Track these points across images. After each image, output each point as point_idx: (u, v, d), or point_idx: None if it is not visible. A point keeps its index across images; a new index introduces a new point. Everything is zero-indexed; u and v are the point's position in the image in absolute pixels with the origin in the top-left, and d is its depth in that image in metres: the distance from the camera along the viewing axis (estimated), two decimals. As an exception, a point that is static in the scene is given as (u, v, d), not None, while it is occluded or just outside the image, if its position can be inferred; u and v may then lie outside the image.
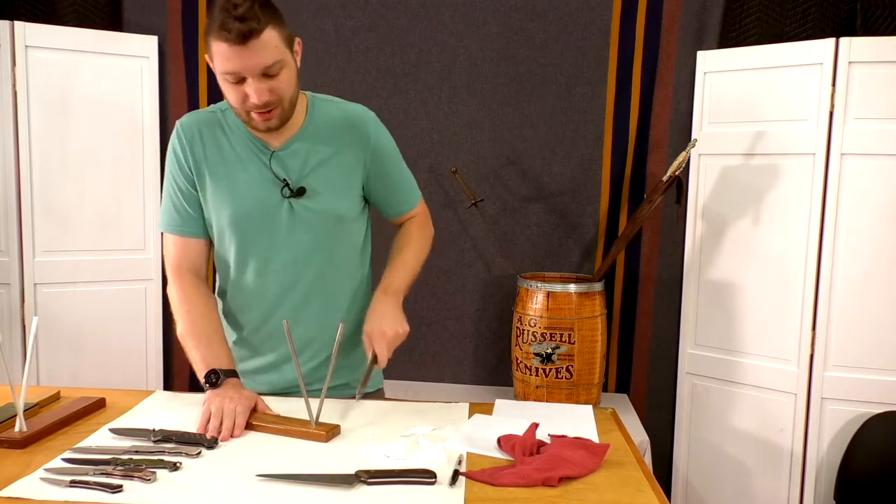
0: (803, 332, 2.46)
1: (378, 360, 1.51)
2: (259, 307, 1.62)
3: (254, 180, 1.55)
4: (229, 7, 1.35)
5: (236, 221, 1.56)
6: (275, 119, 1.48)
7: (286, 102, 1.47)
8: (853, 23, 2.53)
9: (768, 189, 2.53)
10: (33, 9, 2.80)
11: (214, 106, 1.62)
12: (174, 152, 1.58)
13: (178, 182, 1.58)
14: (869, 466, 2.30)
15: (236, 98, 1.44)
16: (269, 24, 1.38)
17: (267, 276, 1.59)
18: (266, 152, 1.56)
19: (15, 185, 2.69)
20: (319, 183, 1.57)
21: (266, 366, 1.66)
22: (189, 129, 1.57)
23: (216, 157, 1.56)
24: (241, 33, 1.35)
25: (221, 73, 1.42)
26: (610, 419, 1.52)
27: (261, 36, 1.37)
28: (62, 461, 1.23)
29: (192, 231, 1.60)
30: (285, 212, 1.56)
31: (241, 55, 1.37)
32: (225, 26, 1.35)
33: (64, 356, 2.80)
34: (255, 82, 1.41)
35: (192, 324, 1.55)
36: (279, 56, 1.41)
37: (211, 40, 1.39)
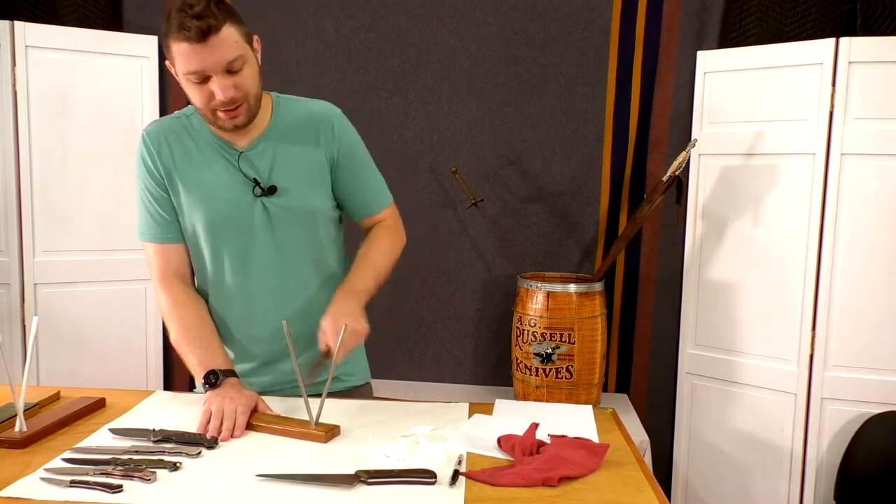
0: (803, 332, 2.46)
1: (329, 353, 1.45)
2: (240, 306, 1.62)
3: (223, 182, 1.55)
4: (185, 7, 1.36)
5: (210, 224, 1.56)
6: (242, 116, 1.48)
7: (251, 98, 1.48)
8: (853, 23, 2.53)
9: (768, 189, 2.53)
10: (33, 9, 2.80)
11: (178, 112, 1.62)
12: (143, 161, 1.58)
13: (150, 190, 1.58)
14: (869, 466, 2.30)
15: (201, 98, 1.44)
16: (226, 21, 1.40)
17: (245, 276, 1.59)
18: (233, 153, 1.56)
19: (15, 185, 2.69)
20: (289, 180, 1.57)
21: (255, 367, 1.66)
22: (155, 137, 1.57)
23: (184, 162, 1.56)
24: (201, 30, 1.36)
25: (184, 74, 1.42)
26: (610, 419, 1.52)
27: (220, 32, 1.38)
28: (62, 461, 1.23)
29: (171, 237, 1.60)
30: (258, 211, 1.56)
31: (203, 53, 1.38)
32: (183, 25, 1.36)
33: (64, 356, 2.80)
34: (220, 79, 1.41)
35: (184, 329, 1.55)
36: (240, 51, 1.42)
37: (171, 43, 1.40)
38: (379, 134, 2.82)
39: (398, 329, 3.00)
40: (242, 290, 1.60)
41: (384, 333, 2.94)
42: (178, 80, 1.47)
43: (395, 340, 3.01)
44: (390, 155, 2.79)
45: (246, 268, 1.59)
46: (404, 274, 2.92)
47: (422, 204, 2.94)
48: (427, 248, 2.94)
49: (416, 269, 2.94)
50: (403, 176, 2.90)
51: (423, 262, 2.94)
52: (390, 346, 3.00)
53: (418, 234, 2.93)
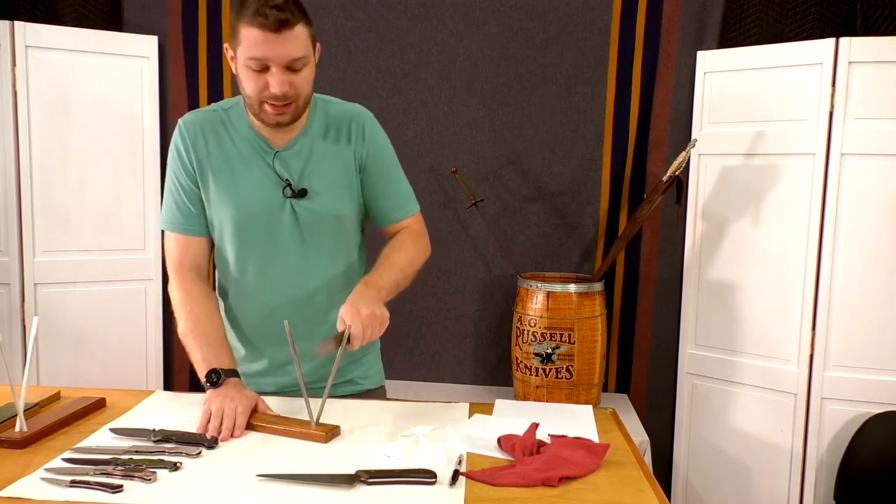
0: (803, 332, 2.46)
1: (351, 337, 1.38)
2: (260, 306, 1.62)
3: (256, 180, 1.55)
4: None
5: (238, 222, 1.57)
6: (288, 115, 1.48)
7: (301, 100, 1.49)
8: (853, 23, 2.53)
9: (768, 189, 2.53)
10: (33, 9, 2.80)
11: (216, 105, 1.62)
12: (177, 149, 1.58)
13: (180, 180, 1.58)
14: (869, 466, 2.30)
15: (255, 87, 1.44)
16: (302, 20, 1.42)
17: (268, 276, 1.59)
18: (269, 152, 1.56)
19: (15, 185, 2.69)
20: (320, 183, 1.57)
21: (270, 368, 1.66)
22: (192, 127, 1.57)
23: (219, 156, 1.56)
24: (278, 21, 1.37)
25: (246, 59, 1.42)
26: (610, 419, 1.52)
27: (294, 28, 1.40)
28: (62, 461, 1.23)
29: (194, 229, 1.60)
30: (287, 213, 1.56)
31: (273, 43, 1.39)
32: (261, 12, 1.37)
33: (64, 356, 2.80)
34: (279, 73, 1.42)
35: (193, 322, 1.55)
36: (306, 52, 1.44)
37: (241, 25, 1.40)
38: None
39: (398, 329, 2.97)
40: (263, 290, 1.60)
41: (384, 333, 2.93)
42: (233, 64, 1.47)
43: (395, 340, 3.00)
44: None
45: (269, 268, 1.59)
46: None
47: (422, 204, 2.88)
48: (427, 248, 2.94)
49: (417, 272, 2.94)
50: (403, 176, 2.89)
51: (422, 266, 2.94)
52: (390, 346, 2.96)
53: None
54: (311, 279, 1.60)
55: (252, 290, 1.61)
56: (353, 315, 1.40)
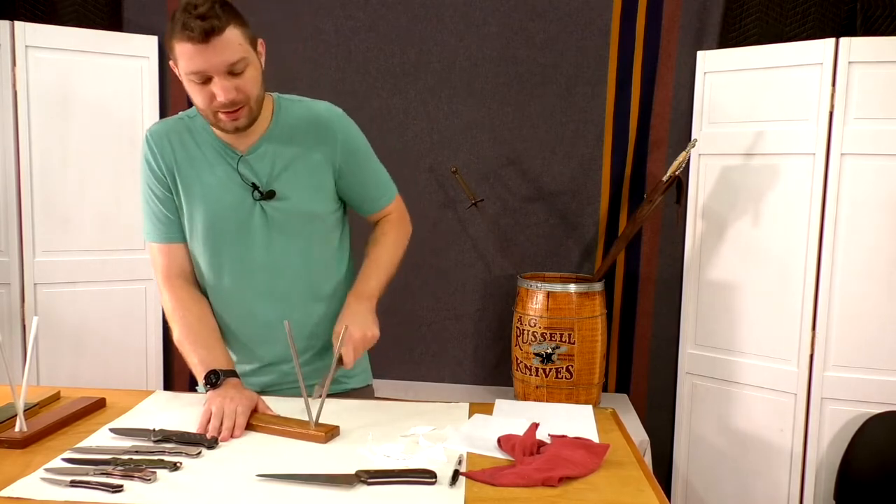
0: (803, 332, 2.46)
1: (343, 361, 1.47)
2: (239, 308, 1.62)
3: (223, 185, 1.55)
4: (189, 8, 1.36)
5: (209, 226, 1.57)
6: (242, 119, 1.47)
7: (253, 101, 1.47)
8: (853, 23, 2.53)
9: (768, 189, 2.53)
10: (33, 9, 2.80)
11: (182, 113, 1.62)
12: (146, 160, 1.58)
13: (153, 189, 1.59)
14: (869, 466, 2.30)
15: (203, 99, 1.44)
16: (230, 23, 1.40)
17: (244, 279, 1.59)
18: (234, 156, 1.56)
19: (15, 185, 2.69)
20: (288, 185, 1.56)
21: (254, 368, 1.66)
22: (158, 137, 1.58)
23: (186, 162, 1.56)
24: (204, 31, 1.36)
25: (186, 74, 1.42)
26: (610, 419, 1.52)
27: (223, 33, 1.38)
28: (62, 461, 1.23)
29: (175, 236, 1.61)
30: (258, 215, 1.56)
31: (205, 53, 1.38)
32: (187, 26, 1.36)
33: (64, 356, 2.80)
34: (221, 81, 1.41)
35: (187, 328, 1.55)
36: (243, 53, 1.42)
37: (174, 42, 1.40)
38: (379, 134, 2.79)
39: (398, 329, 2.99)
40: (241, 293, 1.60)
41: (384, 333, 2.93)
42: (181, 80, 1.47)
43: (395, 340, 3.00)
44: (390, 155, 2.74)
45: (245, 271, 1.59)
46: (404, 274, 2.90)
47: (422, 204, 2.93)
48: (427, 248, 2.94)
49: (416, 269, 2.94)
50: (403, 176, 2.85)
51: (423, 262, 2.94)
52: (390, 346, 2.97)
53: (418, 234, 2.90)
54: (287, 279, 1.60)
55: (229, 292, 1.61)
56: (346, 339, 1.47)
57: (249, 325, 1.62)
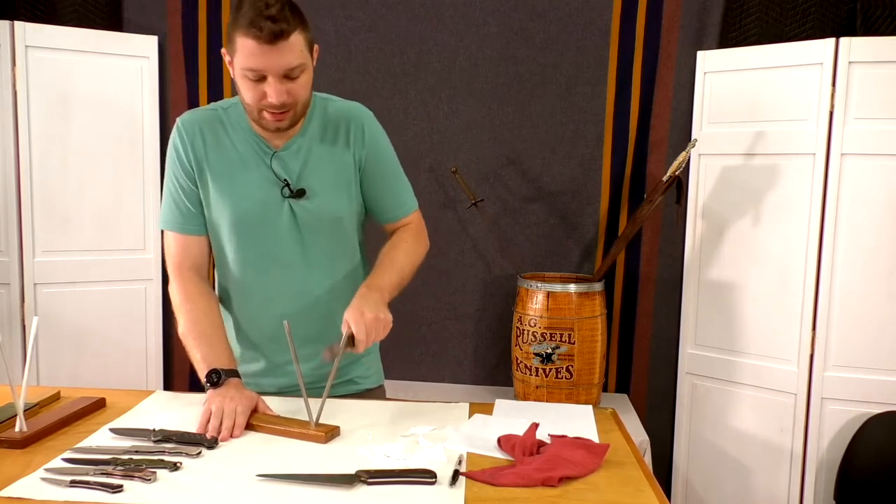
0: (803, 332, 2.46)
1: (355, 341, 1.40)
2: (261, 307, 1.62)
3: (255, 180, 1.55)
4: (261, 6, 1.36)
5: (236, 221, 1.56)
6: (287, 121, 1.48)
7: (300, 106, 1.48)
8: (853, 23, 2.53)
9: (768, 189, 2.53)
10: (33, 9, 2.80)
11: (214, 104, 1.62)
12: (175, 149, 1.57)
13: (178, 179, 1.58)
14: (869, 466, 2.30)
15: (253, 95, 1.44)
16: (297, 28, 1.40)
17: (268, 276, 1.59)
18: (268, 152, 1.56)
19: (15, 185, 2.69)
20: (318, 183, 1.57)
21: (270, 368, 1.66)
22: (190, 127, 1.57)
23: (217, 155, 1.56)
24: (273, 33, 1.36)
25: (243, 69, 1.42)
26: (610, 419, 1.52)
27: (289, 38, 1.38)
28: (62, 461, 1.23)
29: (193, 228, 1.60)
30: (286, 212, 1.56)
31: (268, 54, 1.38)
32: (256, 24, 1.35)
33: (64, 356, 2.80)
34: (276, 83, 1.41)
35: (193, 323, 1.54)
36: (302, 60, 1.43)
37: (237, 36, 1.39)
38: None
39: (398, 329, 2.96)
40: (263, 290, 1.60)
41: (385, 334, 2.94)
42: (230, 69, 1.47)
43: (395, 340, 2.97)
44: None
45: (268, 268, 1.59)
46: (404, 274, 2.92)
47: (422, 204, 2.89)
48: (427, 248, 2.94)
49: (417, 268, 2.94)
50: (403, 176, 2.89)
51: (423, 262, 2.93)
52: (390, 346, 2.95)
53: (418, 234, 2.93)
54: (311, 279, 1.60)
55: (252, 290, 1.61)
56: (357, 319, 1.41)
57: (267, 324, 1.62)
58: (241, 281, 1.61)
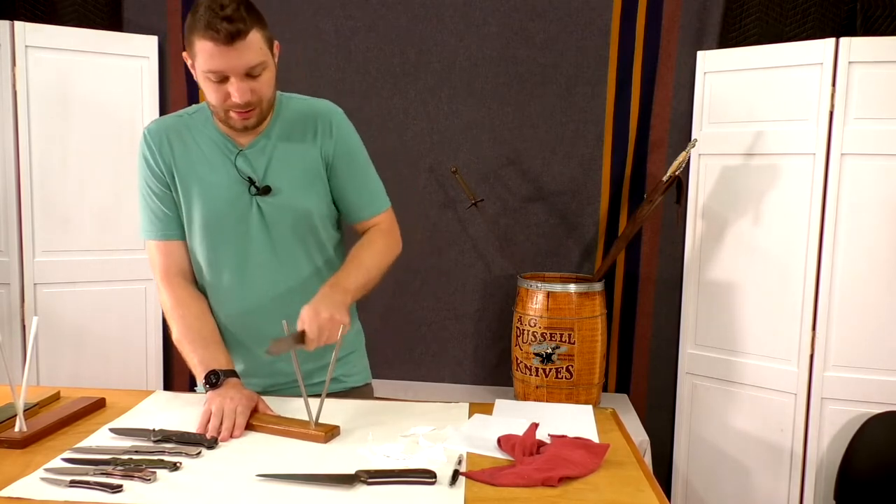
0: (803, 332, 2.46)
1: (306, 339, 1.39)
2: (236, 306, 1.62)
3: (222, 180, 1.56)
4: (216, 7, 1.36)
5: (207, 222, 1.57)
6: (253, 118, 1.49)
7: (265, 103, 1.49)
8: (853, 23, 2.53)
9: (768, 189, 2.53)
10: (33, 9, 2.80)
11: (181, 111, 1.63)
12: (144, 158, 1.59)
13: (151, 186, 1.59)
14: (869, 466, 2.30)
15: (217, 97, 1.45)
16: (254, 26, 1.40)
17: (241, 275, 1.59)
18: (233, 151, 1.56)
19: (15, 185, 2.69)
20: (284, 180, 1.57)
21: (253, 368, 1.65)
22: (156, 135, 1.58)
23: (184, 159, 1.57)
24: (229, 33, 1.36)
25: (204, 72, 1.43)
26: (610, 419, 1.52)
27: (247, 37, 1.39)
28: (62, 461, 1.23)
29: (173, 233, 1.61)
30: (254, 211, 1.56)
31: (227, 55, 1.39)
32: (212, 26, 1.36)
33: (64, 356, 2.80)
34: (238, 82, 1.42)
35: (187, 328, 1.55)
36: (263, 58, 1.43)
37: (195, 39, 1.40)
38: (379, 134, 2.82)
39: (398, 329, 3.00)
40: (239, 289, 1.60)
41: (384, 333, 2.94)
42: (193, 73, 1.48)
43: (395, 340, 3.01)
44: (390, 155, 2.79)
45: (242, 267, 1.59)
46: (404, 274, 2.92)
47: (422, 204, 2.94)
48: (427, 248, 2.94)
49: (416, 269, 2.94)
50: (403, 176, 2.90)
51: (423, 262, 2.94)
52: (390, 346, 3.00)
53: (418, 234, 2.93)
54: (284, 277, 1.60)
55: (227, 290, 1.61)
56: (311, 317, 1.41)
57: (247, 324, 1.62)
58: (217, 282, 1.61)
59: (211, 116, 1.57)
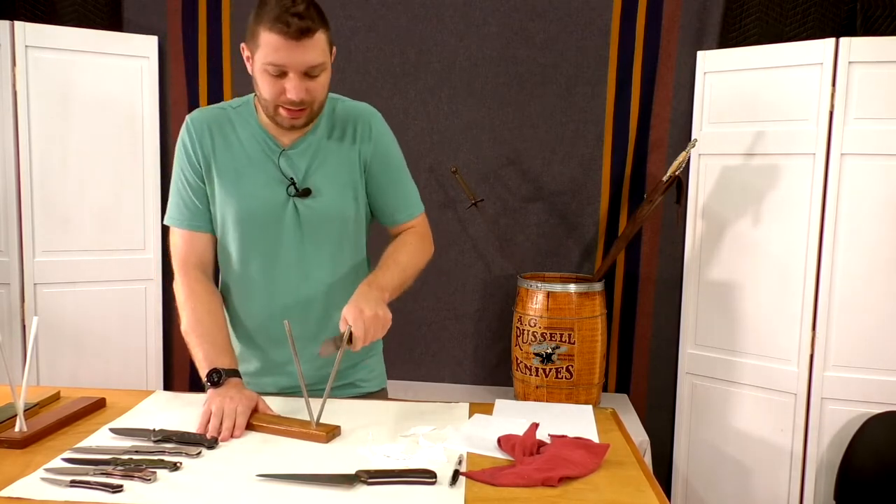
0: (803, 332, 2.46)
1: (353, 338, 1.39)
2: (263, 305, 1.62)
3: (261, 179, 1.56)
4: (288, 3, 1.38)
5: (241, 219, 1.57)
6: (303, 118, 1.49)
7: (317, 104, 1.50)
8: (853, 23, 2.53)
9: (768, 189, 2.53)
10: (33, 9, 2.80)
11: (225, 103, 1.63)
12: (183, 146, 1.58)
13: (186, 176, 1.59)
14: (869, 466, 2.30)
15: (272, 91, 1.45)
16: (321, 27, 1.42)
17: (271, 274, 1.59)
18: (276, 150, 1.56)
19: (15, 185, 2.69)
20: (324, 182, 1.57)
21: (270, 367, 1.65)
22: (199, 124, 1.58)
23: (225, 153, 1.56)
24: (300, 29, 1.38)
25: (264, 64, 1.43)
26: (610, 419, 1.52)
27: (314, 36, 1.40)
28: (62, 461, 1.23)
29: (200, 225, 1.60)
30: (290, 211, 1.56)
31: (293, 50, 1.40)
32: (282, 19, 1.37)
33: (64, 356, 2.80)
34: (296, 79, 1.43)
35: (196, 321, 1.55)
36: (324, 59, 1.45)
37: (262, 30, 1.40)
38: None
39: (398, 329, 2.96)
40: (266, 288, 1.60)
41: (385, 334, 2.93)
42: (249, 65, 1.48)
43: (394, 340, 2.97)
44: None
45: (272, 267, 1.59)
46: (404, 274, 2.92)
47: (422, 204, 2.93)
48: (427, 248, 2.94)
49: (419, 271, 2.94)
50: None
51: (424, 264, 2.94)
52: (390, 347, 2.96)
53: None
54: (313, 279, 1.60)
55: (255, 288, 1.61)
56: (355, 315, 1.40)
57: (270, 322, 1.61)
58: (245, 279, 1.61)
59: (254, 112, 1.57)
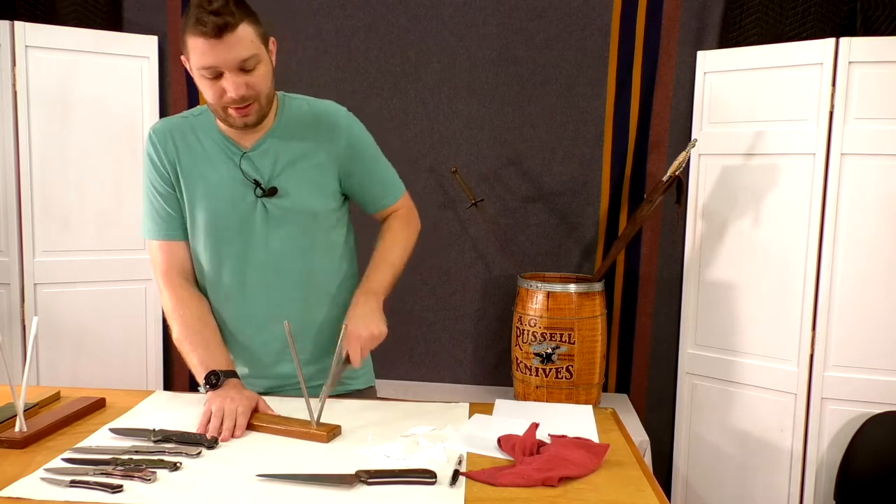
0: (803, 332, 2.46)
1: (351, 360, 1.49)
2: (237, 307, 1.62)
3: (225, 181, 1.56)
4: (203, 3, 1.38)
5: (210, 223, 1.57)
6: (252, 115, 1.49)
7: (263, 98, 1.49)
8: (853, 23, 2.53)
9: (768, 189, 2.53)
10: (33, 9, 2.80)
11: (186, 112, 1.64)
12: (149, 157, 1.59)
13: (156, 186, 1.59)
14: (869, 466, 2.30)
15: (213, 94, 1.45)
16: (243, 20, 1.41)
17: (244, 276, 1.60)
18: (237, 153, 1.57)
19: (15, 185, 2.69)
20: (290, 182, 1.57)
21: (254, 369, 1.65)
22: (161, 134, 1.59)
23: (188, 160, 1.57)
24: (217, 26, 1.37)
25: (198, 69, 1.43)
26: (610, 419, 1.52)
27: (236, 30, 1.39)
28: (62, 461, 1.23)
29: (176, 234, 1.61)
30: (259, 211, 1.57)
31: (217, 49, 1.39)
32: (200, 21, 1.37)
33: (64, 356, 2.80)
34: (232, 76, 1.42)
35: (187, 328, 1.55)
36: (254, 50, 1.43)
37: (187, 37, 1.41)
38: (379, 134, 2.75)
39: (398, 329, 2.96)
40: (240, 290, 1.60)
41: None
42: (191, 74, 1.48)
43: (395, 340, 2.96)
44: (390, 155, 2.75)
45: (244, 268, 1.59)
46: (404, 274, 2.90)
47: (422, 204, 2.88)
48: (427, 248, 2.91)
49: (416, 269, 2.93)
50: (403, 176, 2.86)
51: (423, 262, 2.94)
52: (390, 346, 2.96)
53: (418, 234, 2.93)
54: (287, 278, 1.60)
55: (229, 290, 1.61)
56: (353, 340, 1.49)
57: (247, 324, 1.62)
58: (218, 282, 1.61)
59: (215, 118, 1.57)
